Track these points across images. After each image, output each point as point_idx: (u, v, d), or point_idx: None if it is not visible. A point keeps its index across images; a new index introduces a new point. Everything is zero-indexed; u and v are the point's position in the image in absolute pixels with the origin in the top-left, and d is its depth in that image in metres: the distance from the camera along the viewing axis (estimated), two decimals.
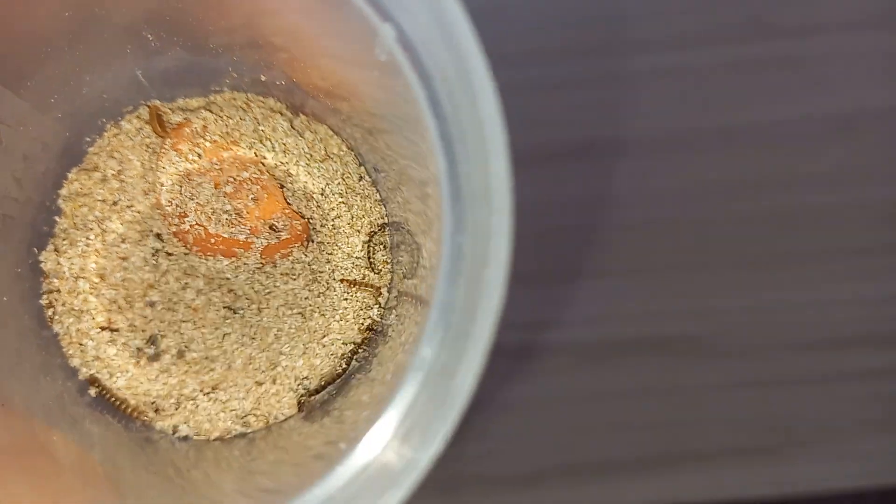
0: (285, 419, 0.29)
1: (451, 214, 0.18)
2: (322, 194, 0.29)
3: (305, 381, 0.29)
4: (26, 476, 0.23)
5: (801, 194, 0.59)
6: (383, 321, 0.29)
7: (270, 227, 0.28)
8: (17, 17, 0.24)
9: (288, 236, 0.28)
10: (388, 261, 0.29)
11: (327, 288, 0.29)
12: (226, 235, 0.28)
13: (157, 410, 0.29)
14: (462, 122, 0.18)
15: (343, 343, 0.29)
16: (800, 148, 0.59)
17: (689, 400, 0.57)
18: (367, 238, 0.29)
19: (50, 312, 0.29)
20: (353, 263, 0.29)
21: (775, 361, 0.58)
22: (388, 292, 0.29)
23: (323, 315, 0.29)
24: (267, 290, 0.29)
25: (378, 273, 0.29)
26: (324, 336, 0.29)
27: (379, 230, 0.29)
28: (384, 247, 0.29)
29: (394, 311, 0.28)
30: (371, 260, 0.29)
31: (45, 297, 0.29)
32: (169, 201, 0.28)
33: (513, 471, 0.55)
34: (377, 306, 0.29)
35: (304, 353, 0.29)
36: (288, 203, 0.29)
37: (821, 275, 0.59)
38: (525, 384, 0.57)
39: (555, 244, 0.58)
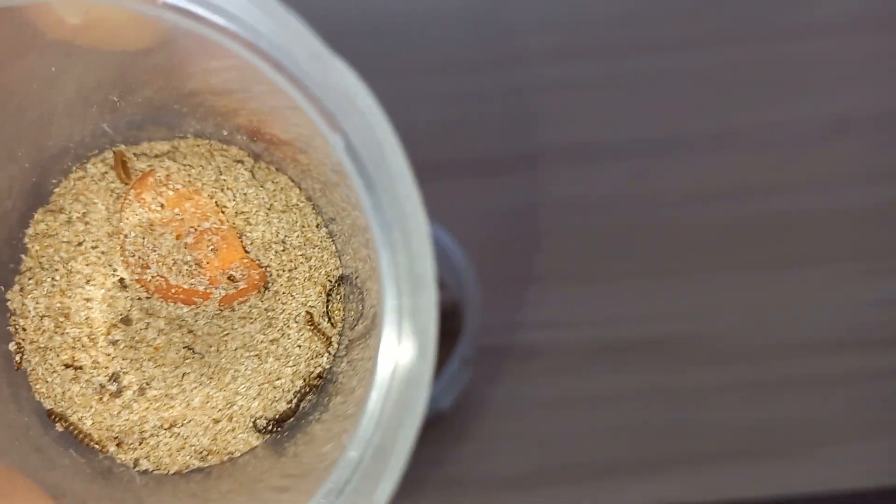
0: (241, 455, 0.30)
1: (391, 295, 0.20)
2: (281, 244, 0.31)
3: (259, 421, 0.30)
4: None
5: (800, 196, 0.60)
6: (333, 368, 0.30)
7: (229, 278, 0.30)
8: None
9: (245, 286, 0.30)
10: (342, 313, 0.31)
11: (282, 335, 0.30)
12: (186, 287, 0.29)
13: (119, 444, 0.30)
14: (403, 229, 0.19)
15: (294, 386, 0.31)
16: (797, 149, 0.60)
17: (688, 401, 0.58)
18: (327, 292, 0.31)
19: (16, 349, 0.30)
20: (307, 311, 0.31)
21: (774, 362, 0.59)
22: (339, 343, 0.31)
23: (277, 359, 0.30)
24: (225, 332, 0.31)
25: (332, 324, 0.31)
26: (277, 379, 0.30)
27: (336, 285, 0.31)
28: (340, 300, 0.31)
29: (344, 359, 0.30)
30: (329, 313, 0.30)
31: (12, 334, 0.30)
32: (132, 253, 0.29)
33: (513, 471, 0.56)
34: (327, 354, 0.31)
35: (259, 394, 0.31)
36: (246, 252, 0.30)
37: (819, 276, 0.60)
38: (525, 385, 0.58)
39: (554, 246, 0.59)
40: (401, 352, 0.20)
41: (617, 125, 0.58)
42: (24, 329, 0.30)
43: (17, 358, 0.30)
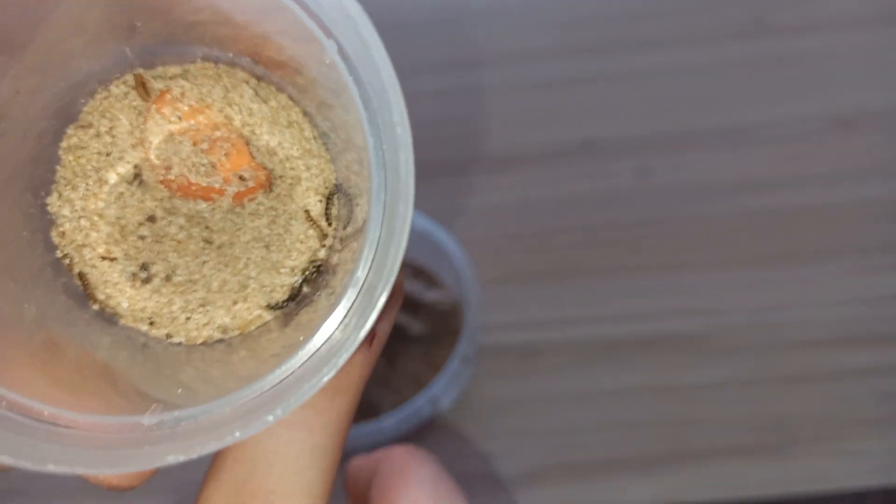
0: (255, 328, 0.36)
1: (376, 179, 0.25)
2: (283, 153, 0.36)
3: (270, 298, 0.36)
4: (46, 373, 0.30)
5: (802, 193, 0.60)
6: (329, 259, 0.36)
7: (239, 178, 0.35)
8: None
9: (253, 184, 0.35)
10: (337, 215, 0.36)
11: (285, 231, 0.36)
12: (203, 184, 0.34)
13: (151, 324, 0.36)
14: (384, 118, 0.25)
15: (296, 273, 0.36)
16: (800, 147, 0.59)
17: (689, 399, 0.57)
18: (326, 198, 0.36)
19: (59, 245, 0.36)
20: (305, 211, 0.36)
21: (776, 360, 0.58)
22: (333, 238, 0.36)
23: (280, 251, 0.36)
24: (237, 227, 0.36)
25: (329, 224, 0.36)
26: (282, 266, 0.36)
27: (333, 192, 0.36)
28: (335, 205, 0.36)
29: (337, 253, 0.36)
30: (327, 214, 0.36)
31: (53, 234, 0.35)
32: (156, 156, 0.34)
33: (513, 470, 0.56)
34: (323, 248, 0.36)
35: (268, 278, 0.36)
36: (253, 157, 0.36)
37: (821, 273, 0.59)
38: (526, 384, 0.58)
39: (554, 244, 0.59)
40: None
41: (620, 122, 0.58)
42: (65, 229, 0.36)
43: (59, 243, 0.35)
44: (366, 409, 0.72)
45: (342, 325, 0.26)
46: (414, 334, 0.73)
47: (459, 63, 0.60)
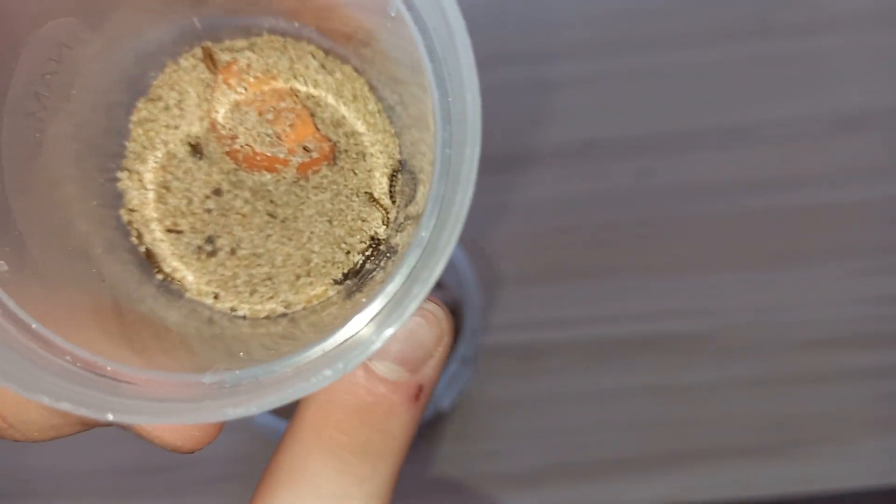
0: (318, 302, 0.36)
1: (441, 133, 0.24)
2: (347, 126, 0.35)
3: (333, 273, 0.36)
4: (112, 333, 0.30)
5: (804, 193, 0.59)
6: (390, 238, 0.35)
7: (304, 148, 0.35)
8: None
9: (318, 155, 0.35)
10: (400, 193, 0.35)
11: (347, 206, 0.35)
12: (268, 154, 0.34)
13: (216, 297, 0.36)
14: (450, 66, 0.24)
15: (358, 248, 0.36)
16: (803, 147, 0.58)
17: (690, 399, 0.57)
18: (390, 175, 0.35)
19: (127, 217, 0.36)
20: (367, 188, 0.35)
21: (777, 361, 0.57)
22: (396, 216, 0.35)
23: (342, 226, 0.35)
24: (301, 201, 0.36)
25: (393, 202, 0.35)
26: (343, 242, 0.35)
27: (398, 169, 0.35)
28: (399, 182, 0.35)
29: (398, 233, 0.35)
30: (392, 191, 0.35)
31: (123, 207, 0.36)
32: (223, 126, 0.34)
33: (513, 470, 0.56)
34: (384, 226, 0.35)
35: (331, 253, 0.36)
36: (318, 129, 0.35)
37: (823, 274, 0.58)
38: (526, 384, 0.58)
39: (555, 244, 0.59)
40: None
41: (622, 122, 0.57)
42: (133, 201, 0.36)
43: (126, 217, 0.35)
44: None
45: (400, 290, 0.25)
46: None
47: None
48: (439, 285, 0.70)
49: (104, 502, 0.66)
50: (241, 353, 0.30)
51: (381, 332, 0.22)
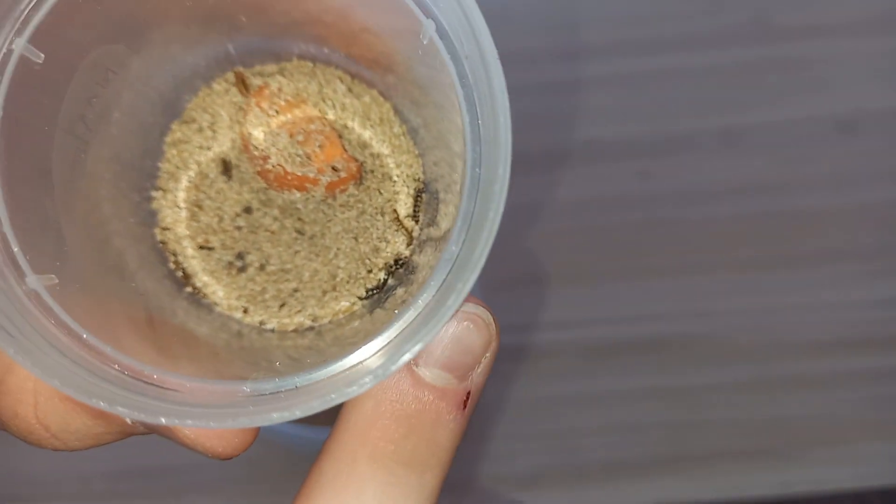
0: (343, 317, 0.37)
1: (471, 153, 0.26)
2: (373, 147, 0.37)
3: (357, 288, 0.37)
4: (151, 343, 0.31)
5: (802, 196, 0.59)
6: (413, 256, 0.37)
7: (332, 168, 0.36)
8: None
9: (346, 175, 0.36)
10: (423, 214, 0.37)
11: (371, 225, 0.37)
12: (299, 174, 0.36)
13: (245, 311, 0.37)
14: (480, 90, 0.25)
15: (382, 266, 0.37)
16: (801, 150, 0.59)
17: (689, 402, 0.57)
18: (415, 196, 0.37)
19: (161, 235, 0.37)
20: (392, 208, 0.37)
21: (776, 363, 0.58)
22: (419, 235, 0.37)
23: (367, 244, 0.37)
24: (328, 219, 0.37)
25: (416, 221, 0.37)
26: (368, 259, 0.37)
27: (422, 190, 0.37)
28: (423, 203, 0.37)
29: (420, 252, 0.36)
30: (416, 212, 0.37)
31: (157, 225, 0.37)
32: (256, 147, 0.36)
33: (514, 471, 0.57)
34: (407, 245, 0.37)
35: (356, 269, 0.37)
36: (345, 150, 0.37)
37: (822, 276, 0.59)
38: (525, 385, 0.58)
39: (555, 247, 0.59)
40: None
41: (622, 125, 0.58)
42: (167, 219, 0.37)
43: (160, 235, 0.37)
44: None
45: (432, 301, 0.26)
46: None
47: None
48: None
49: None
50: (265, 364, 0.31)
51: (415, 340, 0.23)
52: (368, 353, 0.26)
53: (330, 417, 0.27)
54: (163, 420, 0.22)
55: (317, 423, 0.60)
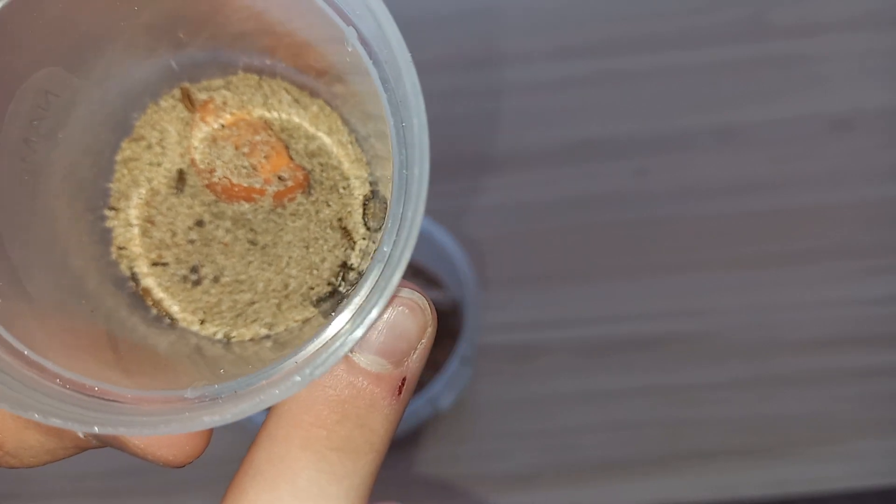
0: (297, 323, 0.37)
1: (398, 156, 0.26)
2: (320, 157, 0.38)
3: (310, 296, 0.37)
4: (115, 365, 0.32)
5: (798, 193, 0.60)
6: (361, 265, 0.37)
7: (279, 178, 0.37)
8: (83, 19, 0.33)
9: (293, 184, 0.37)
10: (373, 221, 0.37)
11: (322, 233, 0.37)
12: (245, 184, 0.36)
13: (202, 322, 0.38)
14: (400, 93, 0.26)
15: (332, 273, 0.37)
16: (798, 148, 0.60)
17: (688, 400, 0.58)
18: (363, 203, 0.37)
19: (116, 254, 0.38)
20: (339, 217, 0.37)
21: (773, 361, 0.58)
22: (367, 243, 0.37)
23: (317, 253, 0.37)
24: (279, 227, 0.38)
25: (368, 229, 0.37)
26: (317, 267, 0.37)
27: (370, 198, 0.37)
28: (372, 210, 0.38)
29: (370, 259, 0.37)
30: (365, 220, 0.37)
31: (112, 243, 0.38)
32: (201, 161, 0.36)
33: (512, 471, 0.57)
34: (357, 253, 0.37)
35: (308, 277, 0.38)
36: (292, 159, 0.37)
37: (819, 275, 0.59)
38: (524, 384, 0.59)
39: (553, 245, 0.60)
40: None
41: (619, 123, 0.59)
42: (121, 238, 0.38)
43: (115, 253, 0.37)
44: None
45: (367, 299, 0.27)
46: None
47: (458, 64, 0.61)
48: (439, 285, 0.71)
49: (98, 503, 0.66)
50: (222, 371, 0.31)
51: (347, 337, 0.24)
52: (303, 356, 0.26)
53: None
54: (96, 429, 0.23)
55: None
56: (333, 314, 0.33)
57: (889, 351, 0.58)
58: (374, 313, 0.24)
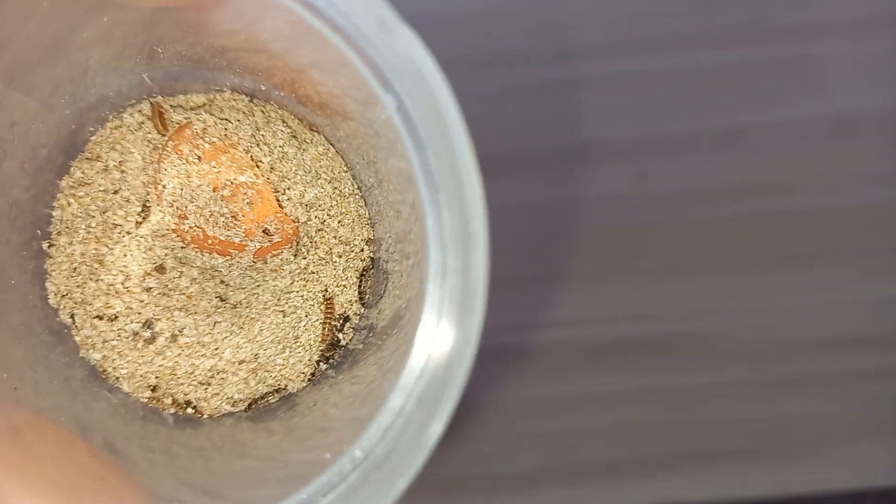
0: (262, 407, 0.31)
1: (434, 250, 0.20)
2: (316, 210, 0.31)
3: (285, 374, 0.31)
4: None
5: (800, 196, 0.59)
6: (348, 345, 0.31)
7: (263, 231, 0.30)
8: (29, 27, 0.25)
9: (279, 239, 0.30)
10: (369, 294, 0.31)
11: (305, 300, 0.31)
12: (221, 237, 0.30)
13: (153, 389, 0.31)
14: (446, 181, 0.20)
15: (311, 351, 0.31)
16: (798, 150, 0.59)
17: (687, 400, 0.57)
18: (362, 271, 0.31)
19: (54, 296, 0.31)
20: (327, 292, 0.31)
21: (774, 363, 0.58)
22: (359, 321, 0.31)
23: (297, 323, 0.31)
24: (256, 284, 0.31)
25: (363, 304, 0.31)
26: (296, 340, 0.31)
27: (370, 267, 0.31)
28: (370, 281, 0.31)
29: (363, 341, 0.31)
30: (360, 293, 0.31)
31: (48, 283, 0.31)
32: (170, 203, 0.30)
33: (513, 471, 0.55)
34: (344, 331, 0.31)
35: (281, 351, 0.31)
36: (281, 207, 0.31)
37: (821, 277, 0.59)
38: (523, 385, 0.57)
39: (553, 246, 0.58)
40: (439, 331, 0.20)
41: (619, 125, 0.56)
42: (60, 278, 0.31)
43: (53, 296, 0.30)
44: None
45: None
46: None
47: (457, 64, 0.57)
48: None
49: None
50: (195, 482, 0.25)
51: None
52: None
53: None
54: None
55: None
56: (312, 417, 0.27)
57: (892, 353, 0.58)
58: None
